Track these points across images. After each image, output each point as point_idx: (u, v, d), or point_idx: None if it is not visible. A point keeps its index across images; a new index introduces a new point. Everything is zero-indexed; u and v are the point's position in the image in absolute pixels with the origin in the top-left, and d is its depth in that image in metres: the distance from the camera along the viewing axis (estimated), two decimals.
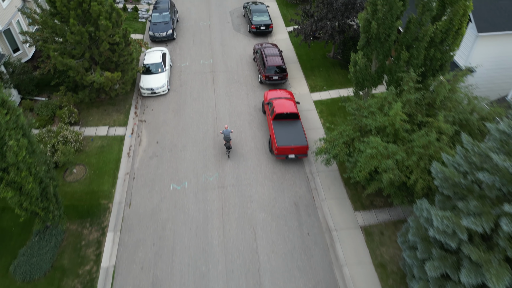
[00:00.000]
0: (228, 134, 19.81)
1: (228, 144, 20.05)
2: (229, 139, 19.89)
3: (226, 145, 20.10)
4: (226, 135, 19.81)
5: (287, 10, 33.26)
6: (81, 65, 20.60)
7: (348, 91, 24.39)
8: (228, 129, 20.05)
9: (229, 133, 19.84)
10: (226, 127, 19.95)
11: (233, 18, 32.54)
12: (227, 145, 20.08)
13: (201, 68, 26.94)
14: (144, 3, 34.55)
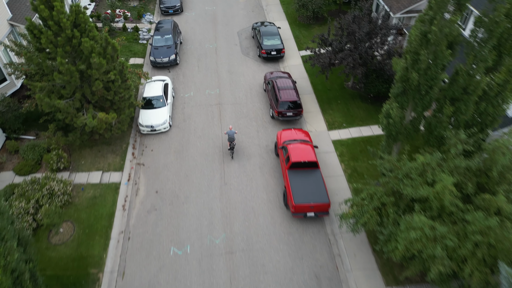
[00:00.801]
0: (232, 135, 19.73)
1: (232, 144, 20.04)
2: (233, 140, 19.85)
3: (230, 146, 20.06)
4: (230, 136, 19.76)
5: (300, 31, 30.75)
6: (71, 105, 18.19)
7: (371, 129, 21.80)
8: (233, 130, 20.00)
9: (233, 134, 19.74)
10: (231, 128, 19.81)
11: (241, 39, 30.08)
12: (231, 145, 20.04)
13: (206, 99, 24.47)
14: (146, 21, 32.16)
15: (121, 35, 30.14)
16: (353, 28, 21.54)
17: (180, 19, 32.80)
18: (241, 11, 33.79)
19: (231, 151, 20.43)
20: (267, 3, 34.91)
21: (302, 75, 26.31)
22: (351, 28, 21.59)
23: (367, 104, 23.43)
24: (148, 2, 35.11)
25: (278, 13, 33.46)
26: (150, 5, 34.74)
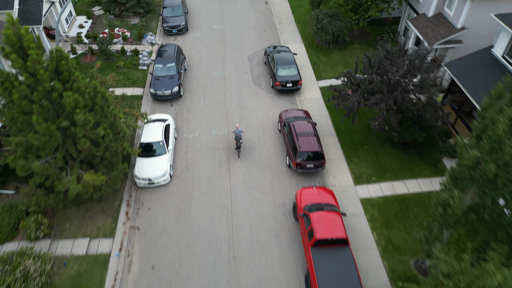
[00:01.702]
0: (239, 134, 19.54)
1: (238, 144, 19.80)
2: (240, 139, 19.62)
3: (237, 145, 19.88)
4: (237, 135, 19.57)
5: (318, 56, 27.51)
6: (53, 165, 15.22)
7: (406, 185, 18.60)
8: (240, 128, 19.88)
9: (240, 133, 19.54)
10: (238, 127, 19.71)
11: (252, 66, 26.94)
12: (237, 144, 19.84)
13: (213, 141, 21.39)
14: (147, 43, 29.11)
15: (119, 59, 27.11)
16: (386, 67, 18.32)
17: (185, 40, 29.71)
18: (251, 30, 30.62)
19: (237, 150, 20.24)
20: (280, 21, 31.71)
21: (321, 111, 23.12)
22: (384, 68, 18.37)
23: (398, 152, 20.21)
24: (150, 19, 32.05)
25: (292, 33, 30.25)
26: (152, 23, 31.68)
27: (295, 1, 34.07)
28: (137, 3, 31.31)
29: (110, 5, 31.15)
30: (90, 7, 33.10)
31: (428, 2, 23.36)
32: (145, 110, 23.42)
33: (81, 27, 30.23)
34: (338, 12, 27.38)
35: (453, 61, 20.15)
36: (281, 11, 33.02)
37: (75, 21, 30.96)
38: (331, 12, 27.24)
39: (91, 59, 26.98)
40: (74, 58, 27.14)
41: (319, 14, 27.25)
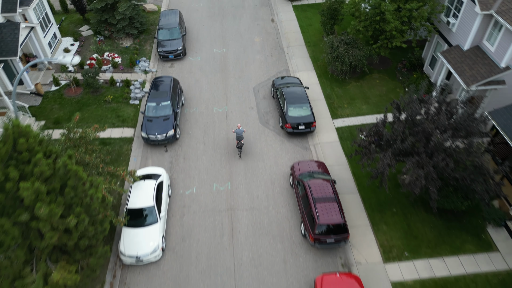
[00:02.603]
0: (240, 133, 19.28)
1: (240, 143, 19.57)
2: (241, 139, 19.40)
3: (238, 145, 19.62)
4: (238, 135, 19.33)
5: (332, 88, 24.22)
6: (14, 260, 12.06)
7: (445, 264, 15.39)
8: (241, 128, 19.58)
9: (242, 133, 19.30)
10: (239, 127, 19.37)
11: (258, 99, 23.68)
12: (239, 144, 19.59)
13: (213, 200, 18.18)
14: (139, 70, 25.79)
15: (108, 92, 23.83)
16: (425, 127, 14.97)
17: (182, 67, 26.41)
18: (257, 55, 27.29)
19: (239, 150, 19.84)
20: (288, 43, 28.38)
21: (339, 159, 19.87)
22: (423, 126, 15.06)
23: (434, 218, 16.97)
24: (144, 41, 28.70)
25: (302, 58, 26.93)
26: (147, 45, 28.34)
27: (305, 19, 30.72)
28: (130, 23, 27.97)
29: (100, 25, 27.84)
30: (77, 26, 29.76)
31: (463, 33, 20.05)
32: (136, 156, 20.21)
33: (67, 51, 26.91)
34: (355, 39, 24.07)
35: (499, 110, 16.87)
36: (289, 30, 29.69)
37: (60, 43, 27.64)
38: (347, 38, 23.91)
39: (76, 92, 23.71)
40: (57, 90, 23.88)
41: (334, 41, 23.93)
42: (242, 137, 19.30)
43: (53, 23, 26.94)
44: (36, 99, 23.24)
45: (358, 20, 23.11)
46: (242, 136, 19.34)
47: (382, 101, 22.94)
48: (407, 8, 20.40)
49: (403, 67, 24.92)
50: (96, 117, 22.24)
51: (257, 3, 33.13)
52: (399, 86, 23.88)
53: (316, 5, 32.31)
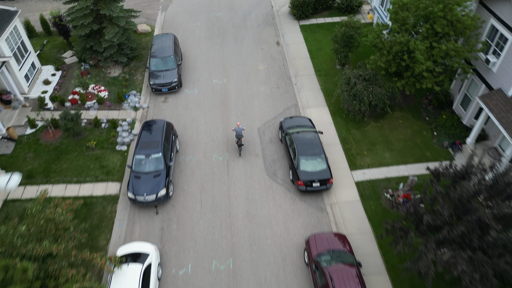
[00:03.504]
0: (240, 131, 18.97)
1: (240, 142, 19.30)
2: (241, 137, 19.09)
3: (238, 143, 19.34)
4: (238, 133, 19.02)
5: (348, 129, 20.97)
6: None
7: None
8: (241, 126, 19.11)
9: (241, 131, 18.98)
10: (238, 125, 19.07)
11: (264, 144, 20.49)
12: (239, 143, 19.34)
13: (213, 283, 14.92)
14: (128, 107, 22.47)
15: (91, 135, 20.56)
16: (480, 215, 11.71)
17: (178, 102, 23.14)
18: (261, 86, 24.03)
19: (239, 148, 19.56)
20: (296, 72, 25.12)
21: (361, 225, 16.63)
22: (477, 215, 11.83)
23: None
24: (135, 69, 25.40)
25: (313, 90, 23.69)
26: (137, 74, 25.05)
27: (314, 42, 27.43)
28: (119, 50, 24.69)
29: (84, 53, 24.56)
30: (60, 52, 26.44)
31: (507, 75, 16.83)
32: (121, 221, 17.00)
33: (47, 83, 23.61)
34: (375, 73, 20.82)
35: None
36: (296, 56, 26.41)
37: (39, 74, 24.34)
38: (366, 74, 20.67)
39: (54, 136, 20.46)
40: (33, 134, 20.63)
41: (350, 76, 20.69)
42: (241, 135, 19.00)
43: (31, 51, 23.63)
44: (8, 145, 20.00)
45: (380, 54, 19.87)
46: (242, 134, 19.06)
47: (407, 148, 19.74)
48: (442, 48, 17.13)
49: (428, 104, 21.69)
50: (76, 168, 19.02)
51: (260, 23, 29.84)
52: (425, 128, 20.67)
53: (326, 25, 29.04)
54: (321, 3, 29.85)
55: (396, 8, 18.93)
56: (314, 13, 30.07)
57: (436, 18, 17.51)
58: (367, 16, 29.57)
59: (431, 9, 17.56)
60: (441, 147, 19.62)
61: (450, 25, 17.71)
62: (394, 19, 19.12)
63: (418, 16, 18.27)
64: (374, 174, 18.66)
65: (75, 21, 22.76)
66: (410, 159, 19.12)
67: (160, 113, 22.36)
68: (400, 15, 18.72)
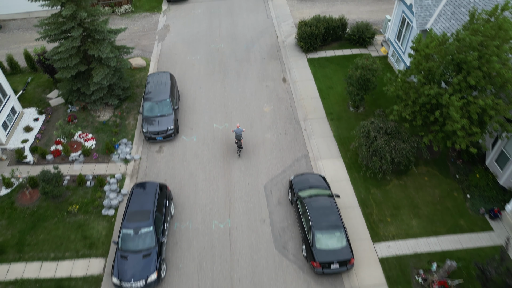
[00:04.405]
0: (240, 133, 18.98)
1: (239, 143, 19.33)
2: (240, 138, 19.15)
3: (238, 144, 19.38)
4: (237, 134, 19.04)
5: (368, 189, 18.18)
6: None
7: None
8: (240, 128, 19.34)
9: (241, 132, 18.99)
10: (238, 126, 19.13)
11: (271, 206, 17.78)
12: (238, 143, 19.35)
13: None
14: (118, 159, 19.84)
15: (73, 196, 17.82)
16: None
17: (173, 152, 20.47)
18: (267, 132, 21.39)
19: (238, 150, 19.68)
20: (305, 114, 22.49)
21: None
22: None
23: None
24: (127, 111, 22.76)
25: (324, 138, 21.02)
26: (130, 118, 22.41)
27: (323, 79, 24.88)
28: (110, 90, 22.12)
29: (71, 95, 22.03)
30: (46, 91, 23.88)
31: None
32: None
33: (28, 130, 21.00)
34: (398, 126, 18.20)
35: None
36: (305, 95, 23.85)
37: (20, 119, 21.74)
38: (388, 126, 18.06)
39: (31, 198, 17.77)
40: (8, 195, 17.93)
41: (369, 129, 18.08)
42: (241, 136, 19.17)
43: (11, 95, 21.06)
44: None
45: (404, 104, 17.28)
46: (241, 135, 19.35)
47: (437, 213, 17.03)
48: (479, 104, 14.55)
49: (457, 157, 19.06)
50: (55, 240, 16.28)
51: (265, 56, 27.35)
52: (455, 188, 17.99)
53: (336, 58, 26.54)
54: (330, 34, 27.41)
55: (419, 58, 16.36)
56: (323, 44, 27.62)
57: (470, 68, 14.95)
58: (380, 49, 27.09)
59: (463, 57, 15.01)
60: (476, 213, 16.92)
61: (487, 77, 15.16)
62: (417, 69, 16.56)
63: (448, 64, 15.73)
64: (401, 248, 15.93)
65: (60, 63, 20.23)
66: (442, 229, 16.40)
67: (153, 166, 19.71)
68: (425, 66, 16.14)
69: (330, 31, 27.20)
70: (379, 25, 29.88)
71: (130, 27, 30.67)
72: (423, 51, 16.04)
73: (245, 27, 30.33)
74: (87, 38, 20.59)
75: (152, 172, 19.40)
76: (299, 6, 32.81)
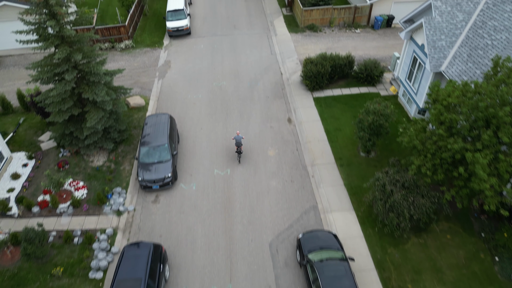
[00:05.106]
0: (239, 140, 19.68)
1: (239, 149, 19.91)
2: (240, 145, 19.77)
3: (237, 151, 19.93)
4: (237, 141, 19.69)
5: (384, 248, 16.30)
6: None
7: None
8: (240, 135, 19.92)
9: (241, 139, 19.70)
10: (238, 133, 19.88)
11: (277, 269, 15.83)
12: (238, 150, 19.91)
13: None
14: (110, 211, 18.16)
15: (58, 255, 16.03)
16: None
17: (171, 202, 18.78)
18: (272, 180, 19.75)
19: (238, 155, 20.21)
20: (312, 159, 20.89)
21: None
22: None
23: None
24: (123, 155, 21.30)
25: (334, 186, 19.36)
26: (125, 163, 20.91)
27: (331, 120, 23.50)
28: (105, 133, 20.77)
29: (64, 139, 20.67)
30: (38, 133, 22.55)
31: None
32: None
33: (15, 178, 19.49)
34: (416, 179, 16.57)
35: None
36: (312, 138, 22.40)
37: (8, 165, 20.27)
38: (405, 180, 16.43)
39: (12, 258, 16.00)
40: None
41: (385, 182, 16.46)
42: (241, 143, 19.90)
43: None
44: None
45: (423, 156, 15.74)
46: (241, 142, 20.11)
47: (463, 279, 15.15)
48: (509, 161, 13.02)
49: (481, 212, 17.34)
50: None
51: (269, 94, 26.15)
52: (482, 248, 16.16)
53: (343, 98, 25.30)
54: (337, 72, 26.31)
55: (440, 109, 14.95)
56: (330, 83, 26.46)
57: (501, 123, 13.51)
58: (390, 88, 25.89)
59: (493, 110, 13.61)
60: (507, 279, 15.04)
61: None
62: (438, 121, 15.13)
63: (475, 117, 14.30)
64: None
65: (52, 106, 18.97)
66: None
67: (148, 219, 18.02)
68: (447, 117, 14.72)
69: (337, 69, 26.12)
70: (387, 61, 28.87)
71: (130, 63, 29.74)
72: (445, 100, 14.65)
73: (249, 63, 29.35)
74: (82, 80, 19.43)
75: (147, 226, 17.70)
76: (303, 41, 31.97)
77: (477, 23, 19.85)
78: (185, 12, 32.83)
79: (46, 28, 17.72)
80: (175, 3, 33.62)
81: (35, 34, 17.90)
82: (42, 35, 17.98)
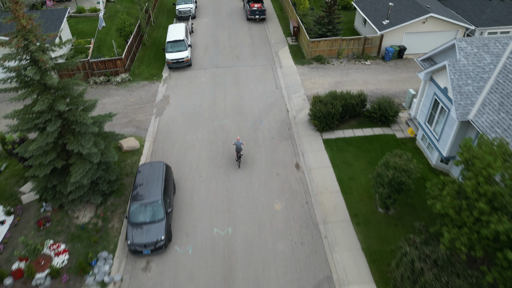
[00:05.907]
0: (240, 145, 20.17)
1: (239, 154, 20.38)
2: (240, 150, 20.28)
3: (238, 155, 20.41)
4: (238, 147, 20.18)
5: None
6: None
7: None
8: (240, 141, 20.47)
9: (241, 145, 20.22)
10: (238, 139, 20.30)
11: None
12: (238, 155, 20.38)
13: None
14: (93, 283, 15.49)
15: None
16: None
17: (164, 270, 16.08)
18: (279, 242, 17.22)
19: (238, 161, 20.71)
20: (325, 216, 18.44)
21: None
22: None
23: None
24: (112, 210, 18.86)
25: (351, 251, 16.76)
26: (114, 220, 18.52)
27: (343, 167, 21.15)
28: (93, 185, 18.50)
29: (46, 192, 18.38)
30: (20, 182, 20.25)
31: None
32: None
33: None
34: (450, 254, 14.03)
35: None
36: (323, 188, 20.01)
37: None
38: (437, 256, 13.91)
39: None
40: None
41: (414, 259, 13.94)
42: (241, 148, 20.35)
43: None
44: None
45: (457, 229, 13.29)
46: (241, 148, 20.58)
47: None
48: None
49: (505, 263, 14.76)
50: None
51: (274, 135, 23.92)
52: None
53: (356, 140, 23.03)
54: (348, 110, 24.14)
55: (481, 180, 12.49)
56: (340, 122, 24.27)
57: None
58: (407, 130, 23.63)
59: None
60: None
61: None
62: (477, 192, 12.73)
63: None
64: None
65: (32, 160, 16.76)
66: None
67: None
68: (488, 190, 12.32)
69: (348, 108, 23.96)
70: (401, 97, 26.75)
71: (126, 98, 27.70)
72: (486, 170, 12.30)
73: (252, 99, 27.27)
74: (67, 129, 17.27)
75: None
76: (310, 74, 29.97)
77: (507, 66, 17.72)
78: (185, 43, 30.99)
79: (26, 76, 15.65)
80: (175, 33, 31.85)
81: (14, 81, 15.83)
82: (22, 82, 15.92)
